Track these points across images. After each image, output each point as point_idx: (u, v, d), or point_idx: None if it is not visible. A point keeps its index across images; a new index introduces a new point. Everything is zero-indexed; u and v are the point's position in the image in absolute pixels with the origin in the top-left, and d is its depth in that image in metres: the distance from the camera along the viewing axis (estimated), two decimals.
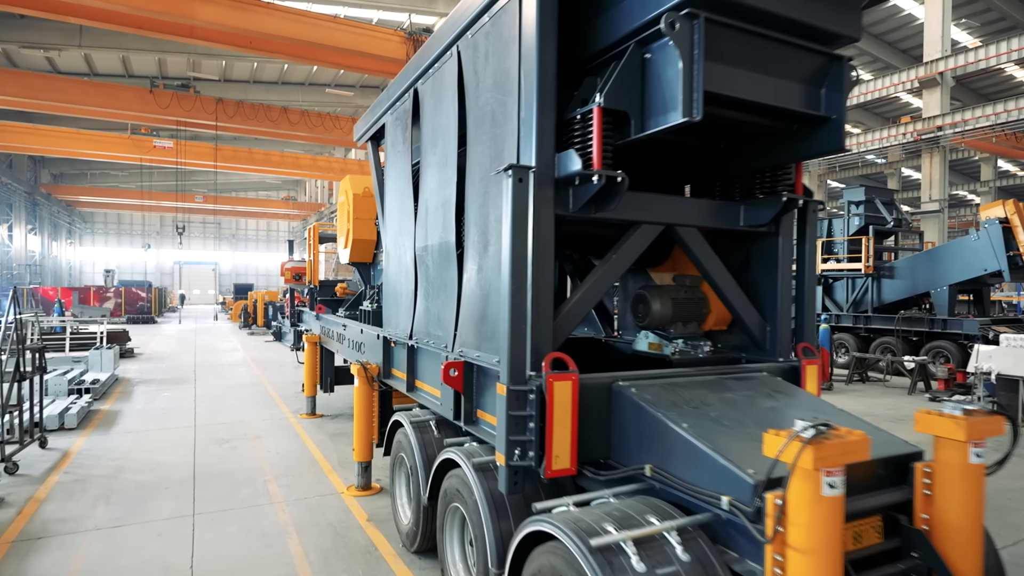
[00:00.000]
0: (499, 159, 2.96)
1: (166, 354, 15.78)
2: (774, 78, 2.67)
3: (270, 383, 11.15)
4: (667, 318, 3.54)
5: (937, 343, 11.16)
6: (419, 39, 15.89)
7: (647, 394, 2.66)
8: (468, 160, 3.38)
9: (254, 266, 60.58)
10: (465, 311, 3.34)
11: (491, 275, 3.02)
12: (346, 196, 6.96)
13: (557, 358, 2.63)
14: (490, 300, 3.03)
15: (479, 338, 3.15)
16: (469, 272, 3.31)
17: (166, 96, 20.82)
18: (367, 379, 5.05)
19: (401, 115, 4.56)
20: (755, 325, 3.43)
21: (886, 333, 12.25)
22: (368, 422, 5.12)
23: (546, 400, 2.54)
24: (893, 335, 11.94)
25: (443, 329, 3.67)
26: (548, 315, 2.72)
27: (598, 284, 2.97)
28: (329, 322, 7.35)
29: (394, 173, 4.74)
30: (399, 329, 4.54)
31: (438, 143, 3.81)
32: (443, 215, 3.70)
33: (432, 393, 3.95)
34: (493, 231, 3.01)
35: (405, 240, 4.46)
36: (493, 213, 3.01)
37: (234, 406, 8.96)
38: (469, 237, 3.33)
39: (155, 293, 31.58)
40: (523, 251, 2.64)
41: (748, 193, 3.41)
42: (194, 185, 42.85)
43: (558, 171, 2.72)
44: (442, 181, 3.73)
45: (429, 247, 3.92)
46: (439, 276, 3.77)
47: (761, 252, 3.50)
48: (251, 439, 7.02)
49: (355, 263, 7.04)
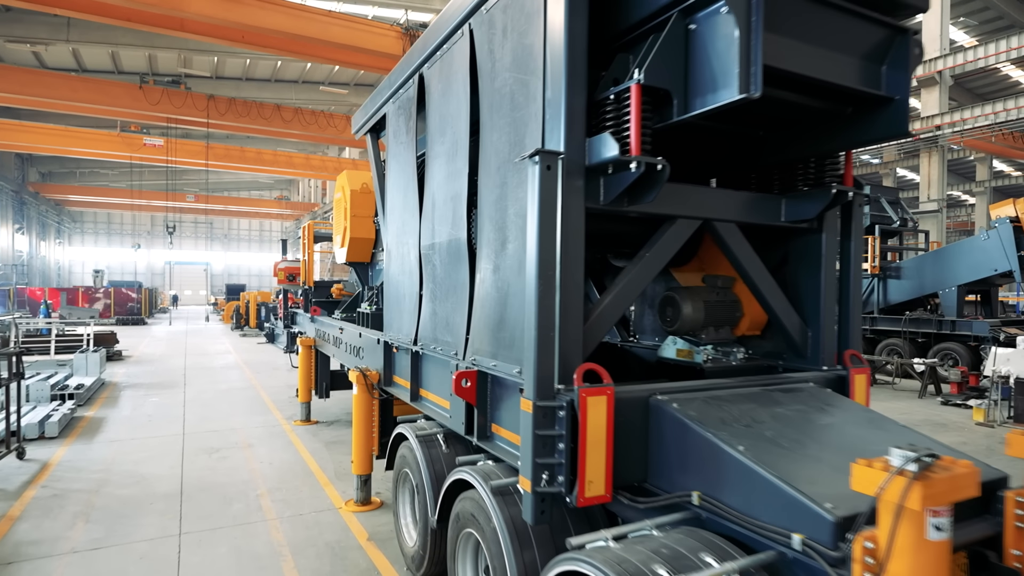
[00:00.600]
0: (520, 146, 2.65)
1: (155, 356, 15.36)
2: (834, 52, 2.37)
3: (263, 387, 10.79)
4: (698, 322, 3.24)
5: (945, 345, 10.94)
6: (415, 34, 15.56)
7: (691, 410, 2.35)
8: (482, 149, 3.07)
9: (246, 266, 60.01)
10: (479, 315, 3.03)
11: (510, 276, 2.71)
12: (343, 192, 6.63)
13: (589, 370, 2.32)
14: (509, 304, 2.72)
15: (495, 346, 2.84)
16: (483, 272, 3.00)
17: (156, 92, 20.38)
18: (367, 387, 4.72)
19: (404, 103, 4.24)
20: (795, 330, 3.14)
21: (892, 335, 12.02)
22: (368, 433, 4.80)
23: (578, 418, 2.23)
24: (899, 336, 11.71)
25: (453, 335, 3.36)
26: (578, 321, 2.41)
27: (630, 285, 2.66)
28: (325, 325, 7.02)
29: (396, 166, 4.42)
30: (402, 334, 4.22)
31: (447, 131, 3.50)
32: (453, 210, 3.38)
33: (440, 404, 3.64)
34: (513, 226, 2.70)
35: (409, 238, 4.14)
36: (512, 206, 2.70)
37: (225, 412, 8.59)
38: (483, 234, 3.02)
39: (145, 294, 31.06)
40: (551, 249, 2.33)
41: (789, 185, 3.11)
42: (185, 184, 42.30)
43: (589, 158, 2.41)
44: (451, 173, 3.41)
45: (436, 245, 3.60)
46: (448, 277, 3.46)
47: (802, 250, 3.20)
48: (243, 448, 6.67)
49: (352, 263, 6.71)
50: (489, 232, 2.94)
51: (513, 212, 2.69)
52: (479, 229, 3.08)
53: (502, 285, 2.79)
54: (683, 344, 3.43)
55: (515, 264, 2.65)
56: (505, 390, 2.88)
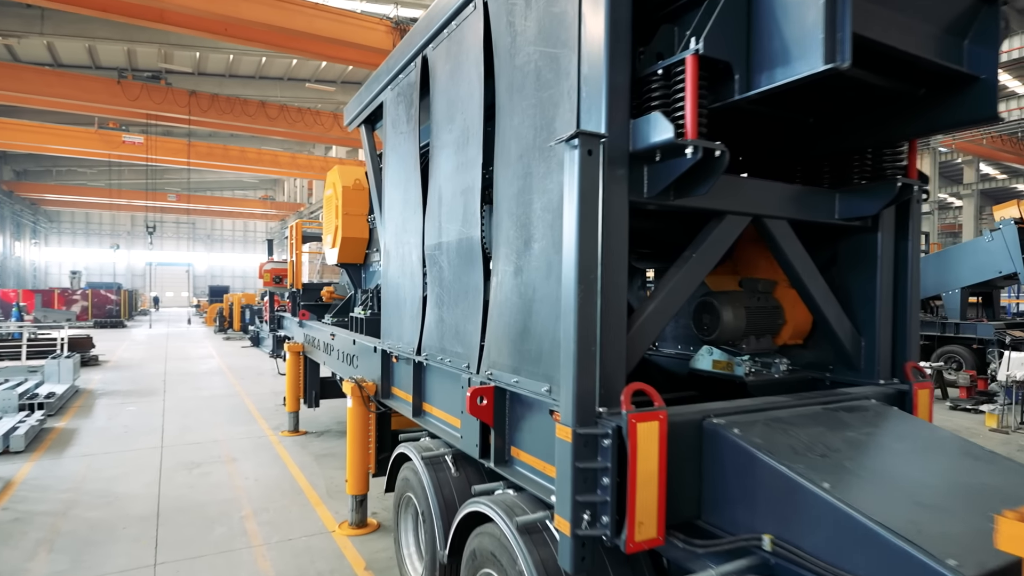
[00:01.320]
0: (548, 130, 2.30)
1: (134, 361, 14.78)
2: (915, 20, 2.05)
3: (247, 394, 10.32)
4: (739, 331, 2.90)
5: (949, 348, 10.77)
6: (405, 28, 15.15)
7: (755, 436, 2.01)
8: (498, 136, 2.72)
9: (230, 268, 58.99)
10: (496, 324, 2.67)
11: (536, 279, 2.36)
12: (333, 189, 6.24)
13: (638, 390, 1.98)
14: (535, 311, 2.37)
15: (518, 359, 2.48)
16: (502, 275, 2.64)
17: (135, 88, 19.72)
18: (363, 399, 4.34)
19: (405, 89, 3.87)
20: (848, 339, 2.82)
21: None
22: (363, 449, 4.41)
23: (627, 447, 1.89)
24: None
25: (464, 345, 3.00)
26: (620, 333, 2.07)
27: (677, 290, 2.32)
28: (315, 330, 6.61)
29: (396, 159, 4.04)
30: (402, 342, 3.85)
31: (455, 118, 3.14)
32: (463, 205, 3.02)
33: (448, 422, 3.27)
34: (539, 223, 2.35)
35: (410, 237, 3.77)
36: (539, 200, 2.35)
37: (207, 422, 8.13)
38: (500, 231, 2.66)
39: (124, 296, 30.23)
40: (592, 249, 1.98)
41: (842, 178, 2.79)
42: (167, 183, 41.36)
43: (634, 143, 2.07)
44: (461, 164, 3.06)
45: (444, 244, 3.24)
46: (458, 280, 3.09)
47: (853, 251, 2.89)
48: (226, 462, 6.24)
49: (344, 264, 6.32)
50: (508, 230, 2.59)
51: (540, 206, 2.34)
52: (495, 226, 2.72)
53: (525, 290, 2.44)
54: (720, 355, 3.11)
55: (542, 266, 2.31)
56: (528, 409, 2.53)
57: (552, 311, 2.23)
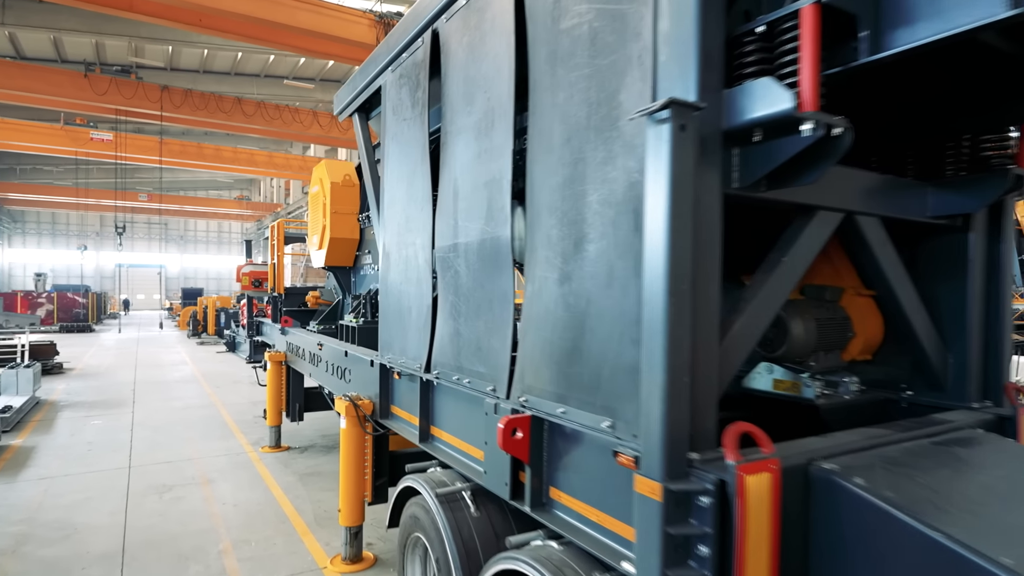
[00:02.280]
0: (609, 104, 1.87)
1: (102, 369, 13.98)
2: None
3: (224, 404, 9.70)
4: (809, 346, 2.51)
5: None
6: (390, 22, 14.63)
7: (885, 488, 1.60)
8: (534, 117, 2.28)
9: (204, 269, 57.55)
10: (533, 341, 2.23)
11: (592, 288, 1.92)
12: (320, 186, 5.73)
13: (744, 431, 1.56)
14: (589, 328, 1.93)
15: (564, 385, 2.05)
16: (540, 282, 2.20)
17: (103, 82, 18.83)
18: (358, 420, 3.86)
19: (410, 69, 3.41)
20: (934, 354, 2.45)
21: None
22: (358, 476, 3.93)
23: (734, 508, 1.46)
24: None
25: (488, 364, 2.55)
26: (713, 356, 1.65)
27: (767, 302, 1.91)
28: (299, 338, 6.09)
29: (398, 149, 3.58)
30: (407, 356, 3.38)
31: (476, 99, 2.69)
32: (487, 200, 2.58)
33: (466, 451, 2.82)
34: (596, 219, 1.91)
35: (416, 237, 3.31)
36: (596, 191, 1.91)
37: (180, 437, 7.53)
38: (538, 230, 2.23)
39: (93, 298, 29.07)
40: (686, 253, 1.56)
41: (931, 168, 2.41)
42: (138, 183, 40.03)
43: (728, 118, 1.65)
44: (484, 152, 2.61)
45: (461, 246, 2.79)
46: (479, 287, 2.65)
47: (942, 253, 2.51)
48: (201, 484, 5.68)
49: (332, 267, 5.82)
50: (549, 228, 2.15)
51: (597, 200, 1.91)
52: (530, 224, 2.29)
53: (576, 301, 2.00)
54: (783, 373, 2.70)
55: (601, 272, 1.87)
56: (576, 446, 2.09)
57: (615, 328, 1.80)
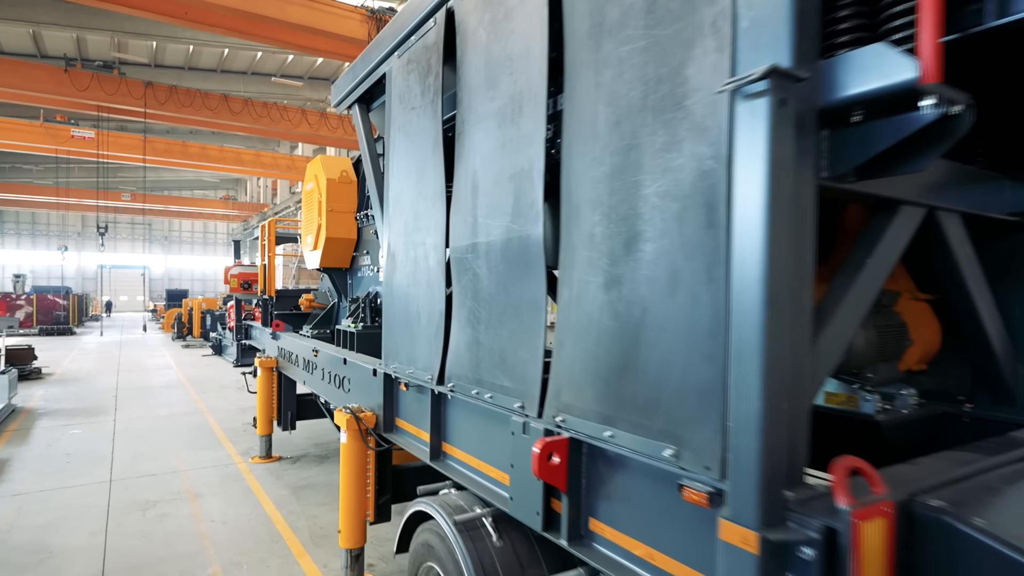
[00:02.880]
0: (674, 81, 1.61)
1: (82, 374, 13.50)
2: None
3: (211, 411, 9.33)
4: (867, 356, 2.27)
5: None
6: (382, 18, 14.31)
7: (1005, 528, 1.36)
8: (571, 99, 2.02)
9: (189, 270, 56.70)
10: (571, 353, 1.97)
11: (649, 294, 1.66)
12: (315, 183, 5.43)
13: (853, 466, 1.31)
14: (645, 340, 1.67)
15: (613, 405, 1.79)
16: (580, 287, 1.94)
17: (84, 77, 18.28)
18: (360, 434, 3.57)
19: (420, 53, 3.13)
20: (1007, 364, 2.22)
21: None
22: (360, 494, 3.64)
23: (848, 561, 1.21)
24: None
25: (515, 377, 2.28)
26: (805, 371, 1.39)
27: (853, 310, 1.66)
28: (292, 344, 5.77)
29: (406, 141, 3.30)
30: (415, 366, 3.10)
31: (500, 81, 2.42)
32: (513, 194, 2.31)
33: (487, 474, 2.55)
34: (655, 215, 1.65)
35: (426, 236, 3.04)
36: (655, 182, 1.66)
37: (165, 447, 7.17)
38: (577, 227, 1.97)
39: (74, 300, 28.36)
40: (785, 255, 1.30)
41: (1010, 160, 2.18)
42: (121, 182, 39.23)
43: (825, 93, 1.40)
44: (511, 140, 2.34)
45: (481, 246, 2.52)
46: (504, 291, 2.38)
47: (1009, 253, 2.29)
48: (188, 500, 5.35)
49: (327, 269, 5.51)
50: (593, 225, 1.89)
51: (656, 192, 1.65)
52: (568, 221, 2.03)
53: (628, 309, 1.74)
54: (836, 386, 2.47)
55: (662, 276, 1.61)
56: (623, 472, 1.84)
57: (681, 342, 1.54)
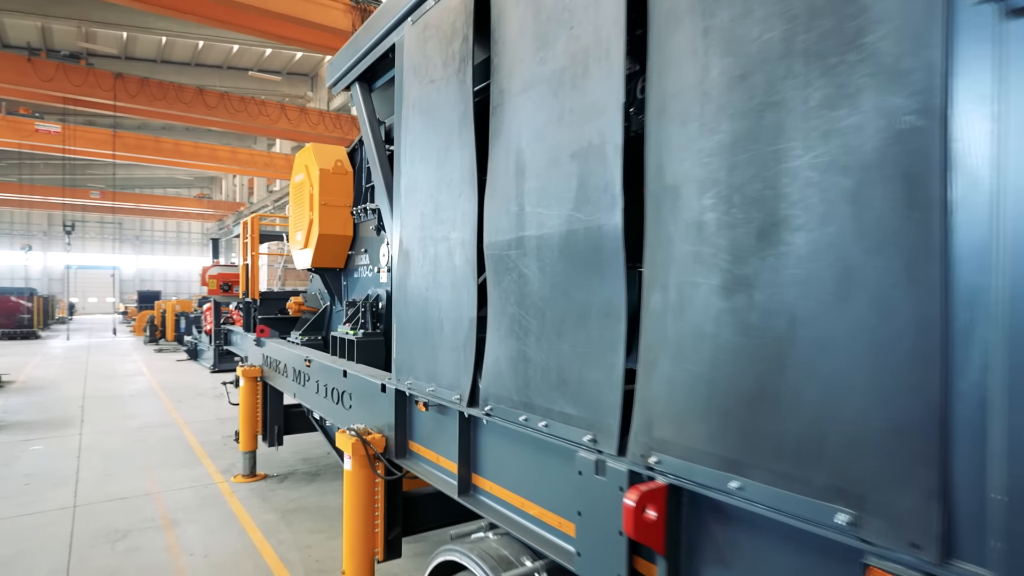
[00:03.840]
0: (839, 14, 1.18)
1: (46, 382, 12.69)
2: None
3: (187, 423, 8.70)
4: None
5: None
6: (367, 8, 13.74)
7: None
8: (662, 53, 1.59)
9: (162, 271, 55.13)
10: (673, 376, 1.53)
11: (802, 299, 1.25)
12: (306, 174, 4.91)
13: None
14: (795, 360, 1.25)
15: (740, 446, 1.36)
16: (683, 289, 1.51)
17: (49, 67, 17.33)
18: (368, 460, 3.09)
19: (441, 16, 2.66)
20: None
21: None
22: (367, 529, 3.16)
23: None
24: None
25: (581, 402, 1.84)
26: None
27: None
28: (280, 351, 5.25)
29: (422, 120, 2.83)
30: (438, 383, 2.64)
31: (555, 40, 1.98)
32: (578, 175, 1.87)
33: (539, 519, 2.10)
34: (812, 194, 1.24)
35: (450, 230, 2.57)
36: (810, 151, 1.24)
37: (137, 465, 6.57)
38: (675, 215, 1.54)
39: (39, 302, 27.13)
40: None
41: None
42: (89, 179, 37.83)
43: None
44: (572, 111, 1.90)
45: (531, 240, 2.07)
46: (565, 295, 1.93)
47: None
48: (163, 528, 4.79)
49: (319, 269, 5.00)
50: (702, 210, 1.47)
51: (811, 162, 1.23)
52: (657, 206, 1.60)
53: (764, 319, 1.32)
54: None
55: (826, 276, 1.21)
56: (753, 535, 1.40)
57: (861, 364, 1.12)
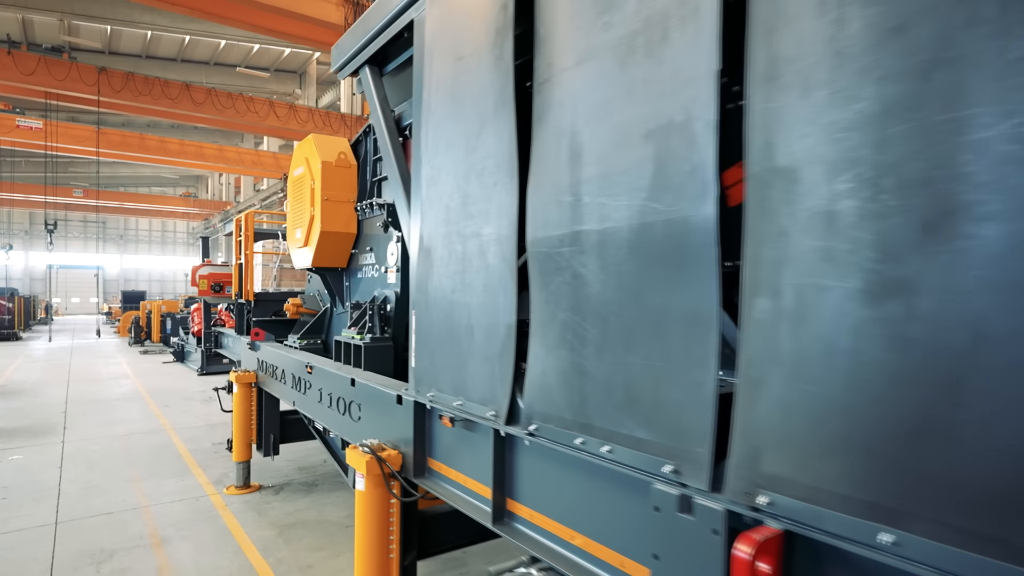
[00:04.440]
0: None
1: (27, 386, 12.20)
2: None
3: (176, 429, 8.32)
4: None
5: None
6: (361, 2, 13.41)
7: None
8: (767, 12, 1.32)
9: (147, 271, 54.26)
10: (789, 399, 1.27)
11: (989, 308, 0.97)
12: (306, 167, 4.59)
13: None
14: (979, 386, 0.97)
15: (897, 490, 1.09)
16: (803, 295, 1.24)
17: (30, 60, 16.79)
18: (383, 480, 2.80)
19: None
20: None
21: None
22: (382, 555, 2.86)
23: None
24: None
25: (658, 426, 1.57)
26: None
27: None
28: (276, 356, 4.93)
29: (448, 102, 2.54)
30: (467, 397, 2.35)
31: (624, 1, 1.70)
32: (655, 159, 1.59)
33: (601, 558, 1.82)
34: (1003, 176, 0.96)
35: (483, 224, 2.29)
36: (1006, 121, 0.96)
37: (123, 476, 6.20)
38: (789, 202, 1.28)
39: (19, 303, 26.39)
40: None
41: None
42: (72, 177, 37.05)
43: None
44: (644, 82, 1.63)
45: (591, 235, 1.79)
46: (635, 299, 1.65)
47: None
48: (153, 547, 4.45)
49: (320, 269, 4.69)
50: (832, 197, 1.21)
51: (1010, 132, 0.95)
52: (759, 192, 1.33)
53: (931, 333, 1.06)
54: None
55: None
56: None
57: None
